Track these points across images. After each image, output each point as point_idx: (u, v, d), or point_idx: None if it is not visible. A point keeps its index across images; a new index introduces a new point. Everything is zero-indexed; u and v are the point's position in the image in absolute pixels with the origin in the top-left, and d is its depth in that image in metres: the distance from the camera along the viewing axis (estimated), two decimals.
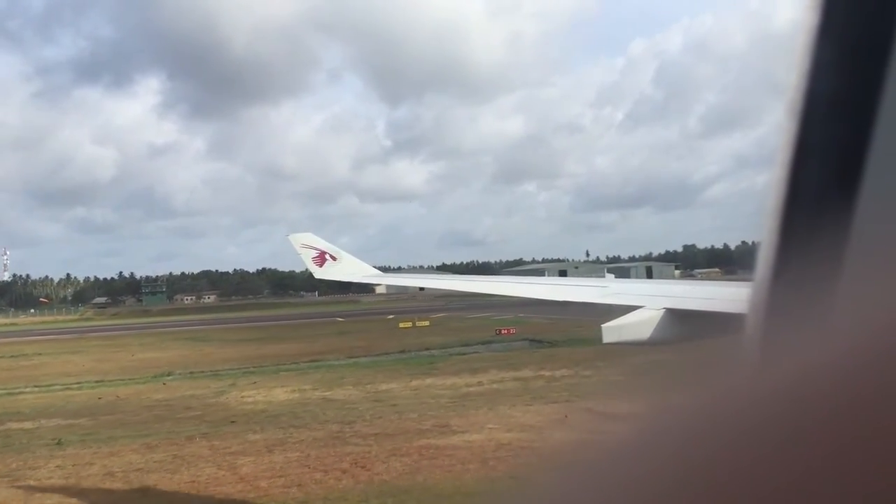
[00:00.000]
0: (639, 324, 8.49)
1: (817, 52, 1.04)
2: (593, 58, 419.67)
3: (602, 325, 8.83)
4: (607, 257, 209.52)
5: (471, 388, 26.51)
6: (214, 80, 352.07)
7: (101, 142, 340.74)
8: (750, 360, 0.83)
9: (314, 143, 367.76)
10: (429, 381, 29.11)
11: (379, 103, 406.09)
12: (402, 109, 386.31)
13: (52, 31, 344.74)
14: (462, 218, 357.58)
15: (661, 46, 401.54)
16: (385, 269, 25.07)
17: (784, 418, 0.48)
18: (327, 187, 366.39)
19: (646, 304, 8.87)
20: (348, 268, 16.83)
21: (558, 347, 40.34)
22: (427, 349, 43.37)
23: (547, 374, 29.03)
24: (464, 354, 40.33)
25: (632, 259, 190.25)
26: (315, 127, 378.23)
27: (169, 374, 37.87)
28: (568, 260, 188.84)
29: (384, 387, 28.09)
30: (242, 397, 27.23)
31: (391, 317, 70.52)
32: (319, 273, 16.83)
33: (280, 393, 27.96)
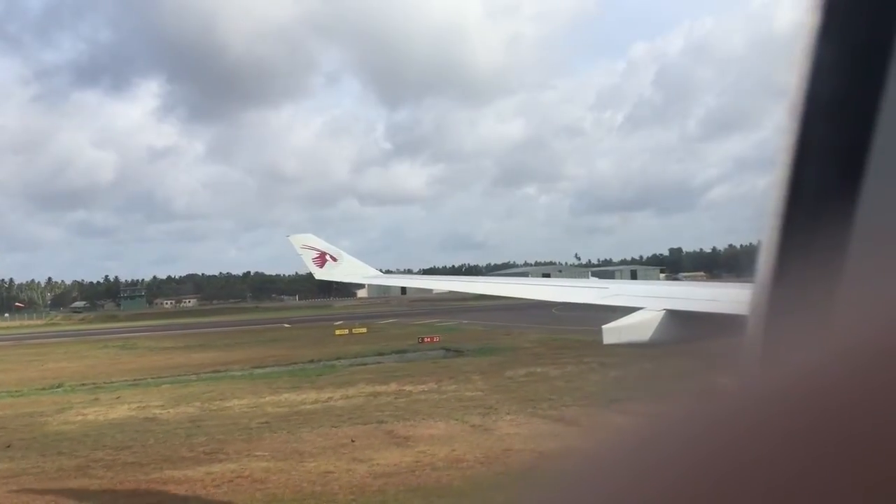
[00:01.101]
0: (639, 325, 8.33)
1: (818, 54, 1.04)
2: (593, 60, 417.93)
3: (602, 327, 8.54)
4: (598, 260, 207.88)
5: (312, 406, 24.92)
6: (213, 84, 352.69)
7: (101, 145, 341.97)
8: (751, 361, 0.86)
9: (314, 147, 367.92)
10: (285, 395, 27.55)
11: (378, 106, 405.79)
12: (402, 112, 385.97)
13: (50, 34, 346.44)
14: (462, 221, 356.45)
15: (661, 49, 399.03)
16: (384, 272, 24.28)
17: (786, 419, 0.48)
18: (327, 190, 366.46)
19: (646, 305, 8.58)
20: (349, 269, 16.71)
21: (465, 357, 39.17)
22: (338, 359, 41.81)
23: (408, 388, 27.49)
24: (365, 365, 38.78)
25: (623, 262, 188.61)
26: (315, 130, 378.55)
27: (59, 387, 36.49)
28: (556, 263, 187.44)
29: (231, 403, 26.53)
30: (74, 415, 25.68)
31: (339, 323, 68.99)
32: (320, 274, 16.63)
33: (120, 410, 26.44)
